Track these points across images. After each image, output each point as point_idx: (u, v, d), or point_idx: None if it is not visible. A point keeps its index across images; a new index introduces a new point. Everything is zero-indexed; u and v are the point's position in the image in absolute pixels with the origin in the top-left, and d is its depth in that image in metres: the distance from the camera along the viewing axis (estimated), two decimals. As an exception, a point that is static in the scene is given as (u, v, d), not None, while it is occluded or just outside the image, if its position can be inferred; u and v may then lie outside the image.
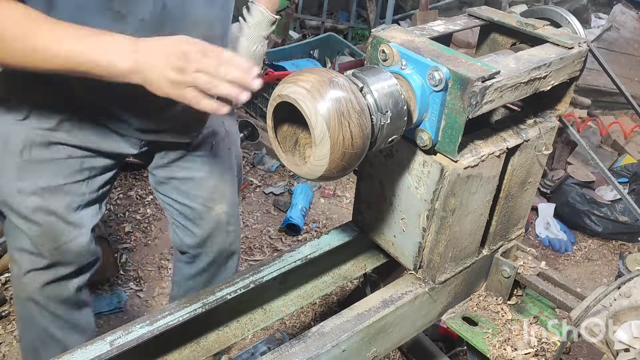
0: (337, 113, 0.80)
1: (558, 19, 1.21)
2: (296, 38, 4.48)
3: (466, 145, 1.01)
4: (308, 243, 1.27)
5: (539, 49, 1.09)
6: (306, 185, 2.96)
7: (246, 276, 1.17)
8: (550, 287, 1.21)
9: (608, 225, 2.89)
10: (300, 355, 0.99)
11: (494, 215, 1.18)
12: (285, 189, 3.01)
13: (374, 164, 1.14)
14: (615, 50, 4.45)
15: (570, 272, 2.73)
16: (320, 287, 1.30)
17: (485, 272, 1.28)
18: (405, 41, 1.01)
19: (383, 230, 1.20)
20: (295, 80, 0.83)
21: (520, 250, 1.29)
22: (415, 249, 1.12)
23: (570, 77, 1.12)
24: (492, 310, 1.26)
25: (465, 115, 0.92)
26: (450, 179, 0.99)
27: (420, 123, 0.98)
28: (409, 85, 0.95)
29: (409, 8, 5.16)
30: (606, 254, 2.88)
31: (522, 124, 1.13)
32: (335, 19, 4.88)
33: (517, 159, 1.11)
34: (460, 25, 1.18)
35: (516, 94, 1.01)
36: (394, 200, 1.12)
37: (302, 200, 2.85)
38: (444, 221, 1.04)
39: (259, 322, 1.21)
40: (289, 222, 2.70)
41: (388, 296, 1.12)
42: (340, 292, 2.38)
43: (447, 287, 1.19)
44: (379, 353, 1.13)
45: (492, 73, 0.93)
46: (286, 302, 1.25)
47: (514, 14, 1.21)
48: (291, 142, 0.94)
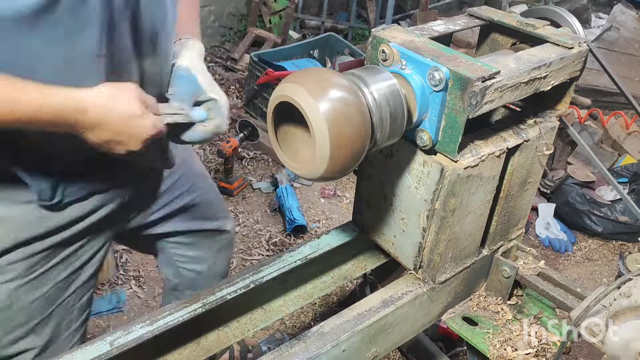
0: (337, 113, 0.80)
1: (558, 19, 1.21)
2: (296, 38, 4.49)
3: (466, 145, 1.01)
4: (308, 243, 1.27)
5: (539, 49, 1.09)
6: (287, 185, 2.96)
7: (246, 276, 1.17)
8: (550, 287, 1.21)
9: (608, 225, 2.90)
10: (300, 355, 0.99)
11: (494, 215, 1.18)
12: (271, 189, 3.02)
13: (374, 164, 1.14)
14: (615, 50, 4.45)
15: (570, 272, 2.73)
16: (320, 287, 1.30)
17: (485, 272, 1.28)
18: (405, 41, 1.01)
19: (383, 230, 1.20)
20: (296, 80, 0.83)
21: (521, 250, 1.29)
22: (415, 249, 1.12)
23: (571, 77, 1.12)
24: (492, 310, 1.26)
25: (465, 115, 0.92)
26: (450, 179, 0.99)
27: (420, 123, 0.98)
28: (409, 85, 0.94)
29: (409, 8, 5.16)
30: (606, 254, 2.88)
31: (522, 124, 1.13)
32: (335, 19, 4.88)
33: (517, 159, 1.11)
34: (460, 25, 1.18)
35: (516, 94, 1.01)
36: (394, 200, 1.12)
37: (293, 200, 2.86)
38: (444, 221, 1.04)
39: (259, 322, 1.21)
40: (295, 225, 2.70)
41: (388, 296, 1.12)
42: (340, 292, 2.38)
43: (447, 287, 1.19)
44: (379, 353, 1.13)
45: (492, 73, 0.93)
46: (286, 302, 1.25)
47: (514, 14, 1.21)
48: (291, 142, 0.93)
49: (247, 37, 4.31)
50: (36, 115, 0.88)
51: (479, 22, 1.21)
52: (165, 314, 1.08)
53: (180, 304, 1.10)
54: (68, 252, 1.16)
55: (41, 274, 1.13)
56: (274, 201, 2.91)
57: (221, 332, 1.17)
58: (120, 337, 1.02)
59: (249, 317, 1.21)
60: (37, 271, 1.12)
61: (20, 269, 1.09)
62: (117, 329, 1.04)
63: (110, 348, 1.00)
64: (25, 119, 0.88)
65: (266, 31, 4.42)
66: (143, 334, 1.03)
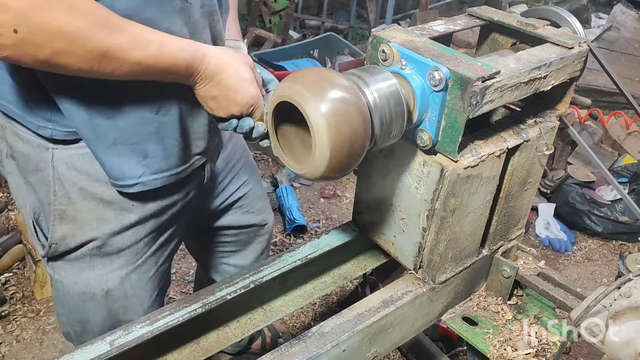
0: (337, 113, 0.80)
1: (558, 19, 1.21)
2: (296, 38, 4.49)
3: (466, 145, 1.01)
4: (308, 243, 1.27)
5: (539, 49, 1.09)
6: (287, 185, 2.96)
7: (246, 276, 1.17)
8: (550, 287, 1.21)
9: (608, 225, 2.90)
10: (300, 355, 0.99)
11: (494, 215, 1.18)
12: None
13: (374, 164, 1.14)
14: (615, 50, 4.45)
15: (570, 272, 2.73)
16: (320, 287, 1.30)
17: (485, 272, 1.28)
18: (405, 41, 1.01)
19: (383, 230, 1.20)
20: (296, 80, 0.83)
21: (521, 250, 1.29)
22: (415, 249, 1.12)
23: (571, 77, 1.12)
24: (492, 310, 1.26)
25: (465, 115, 0.92)
26: (450, 179, 0.99)
27: (420, 123, 0.98)
28: (409, 85, 0.94)
29: (409, 8, 5.17)
30: (606, 254, 2.88)
31: (522, 124, 1.13)
32: (335, 19, 4.89)
33: (517, 159, 1.11)
34: (460, 25, 1.18)
35: (516, 94, 1.01)
36: (394, 200, 1.12)
37: (293, 200, 2.86)
38: (444, 221, 1.04)
39: (259, 322, 1.21)
40: (295, 225, 2.70)
41: (388, 296, 1.12)
42: (340, 292, 2.38)
43: (447, 287, 1.19)
44: (379, 353, 1.13)
45: (492, 73, 0.92)
46: (286, 302, 1.25)
47: (514, 14, 1.21)
48: (291, 142, 0.94)
49: (247, 37, 4.31)
50: (156, 59, 0.87)
51: (479, 22, 1.21)
52: (165, 314, 1.08)
53: (180, 303, 1.10)
54: (166, 237, 1.21)
55: (147, 258, 1.18)
56: (274, 201, 2.91)
57: (221, 332, 1.17)
58: (120, 337, 1.02)
59: (249, 317, 1.21)
60: (144, 256, 1.17)
61: (129, 255, 1.14)
62: (117, 329, 1.04)
63: (110, 348, 1.00)
64: (148, 62, 0.86)
65: (266, 31, 4.42)
66: (143, 334, 1.03)
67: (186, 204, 1.20)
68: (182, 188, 1.16)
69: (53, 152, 1.01)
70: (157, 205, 1.12)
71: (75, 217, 1.07)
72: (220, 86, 0.97)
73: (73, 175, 1.03)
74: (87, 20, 0.78)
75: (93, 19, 0.79)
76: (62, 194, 1.04)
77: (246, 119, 1.04)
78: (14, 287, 2.29)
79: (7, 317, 2.16)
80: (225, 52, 0.99)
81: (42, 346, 2.08)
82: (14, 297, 2.25)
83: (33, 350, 2.07)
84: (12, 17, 0.72)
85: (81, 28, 0.78)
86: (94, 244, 1.10)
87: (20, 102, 0.98)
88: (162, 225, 1.17)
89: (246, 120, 1.04)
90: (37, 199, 1.07)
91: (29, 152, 1.02)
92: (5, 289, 2.26)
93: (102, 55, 0.81)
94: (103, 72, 0.84)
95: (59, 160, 1.02)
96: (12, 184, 1.11)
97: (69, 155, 1.02)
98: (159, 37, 0.88)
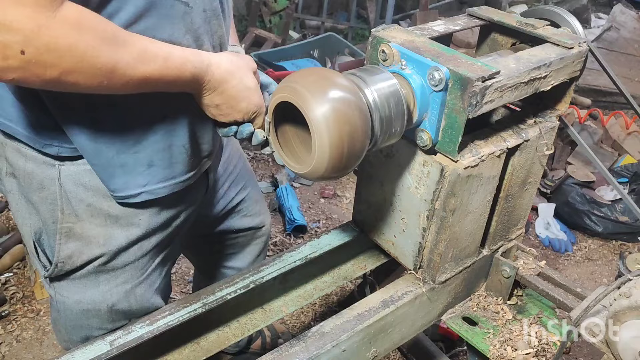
0: (337, 113, 0.80)
1: (558, 19, 1.21)
2: (296, 38, 4.49)
3: (466, 145, 1.01)
4: (308, 243, 1.27)
5: (539, 49, 1.09)
6: (287, 185, 2.96)
7: (246, 276, 1.17)
8: (550, 287, 1.21)
9: (608, 225, 2.89)
10: (300, 355, 0.99)
11: (494, 215, 1.18)
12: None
13: (374, 164, 1.14)
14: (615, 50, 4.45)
15: (570, 272, 2.73)
16: (320, 287, 1.30)
17: (485, 272, 1.28)
18: (405, 41, 1.01)
19: (383, 230, 1.20)
20: (296, 80, 0.83)
21: (520, 250, 1.29)
22: (415, 249, 1.12)
23: (571, 77, 1.12)
24: (492, 310, 1.26)
25: (465, 115, 0.92)
26: (450, 179, 0.99)
27: (420, 123, 0.98)
28: (409, 85, 0.94)
29: (409, 8, 5.16)
30: (606, 254, 2.88)
31: (522, 124, 1.13)
32: (335, 19, 4.88)
33: (517, 159, 1.11)
34: (460, 25, 1.18)
35: (516, 94, 1.01)
36: (394, 200, 1.12)
37: (293, 200, 2.86)
38: (444, 221, 1.04)
39: (259, 322, 1.21)
40: (295, 225, 2.70)
41: (388, 296, 1.12)
42: (340, 292, 2.38)
43: (447, 287, 1.19)
44: (379, 353, 1.13)
45: (492, 73, 0.92)
46: (286, 302, 1.25)
47: (514, 14, 1.21)
48: (291, 142, 0.94)
49: (247, 37, 4.31)
50: (162, 72, 0.86)
51: (479, 22, 1.21)
52: (165, 314, 1.08)
53: (180, 303, 1.10)
54: (169, 249, 1.21)
55: (152, 271, 1.18)
56: (274, 201, 2.91)
57: (221, 332, 1.17)
58: (120, 337, 1.02)
59: (249, 317, 1.21)
60: (149, 269, 1.16)
61: (134, 270, 1.13)
62: (118, 329, 1.04)
63: (110, 348, 1.00)
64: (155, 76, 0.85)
65: (266, 31, 4.42)
66: (143, 334, 1.03)
67: (190, 213, 1.20)
68: (187, 197, 1.14)
69: (60, 169, 0.98)
70: (163, 218, 1.11)
71: (82, 234, 1.04)
72: (224, 95, 0.97)
73: (81, 192, 1.01)
74: (94, 37, 0.76)
75: (100, 34, 0.77)
76: (69, 211, 1.02)
77: (246, 125, 1.03)
78: (14, 287, 2.29)
79: (7, 317, 2.16)
80: (230, 61, 0.98)
81: (42, 346, 2.08)
82: (14, 297, 2.25)
83: (33, 350, 2.07)
84: (20, 39, 0.69)
85: (89, 45, 0.75)
86: (100, 261, 1.08)
87: (24, 121, 0.95)
88: (167, 238, 1.16)
89: (246, 127, 1.03)
90: (40, 218, 1.04)
91: (33, 170, 0.99)
92: (6, 289, 2.26)
93: (111, 71, 0.79)
94: (111, 89, 0.82)
95: (67, 177, 0.99)
96: (12, 203, 1.07)
97: (76, 171, 0.99)
98: (164, 49, 0.87)
